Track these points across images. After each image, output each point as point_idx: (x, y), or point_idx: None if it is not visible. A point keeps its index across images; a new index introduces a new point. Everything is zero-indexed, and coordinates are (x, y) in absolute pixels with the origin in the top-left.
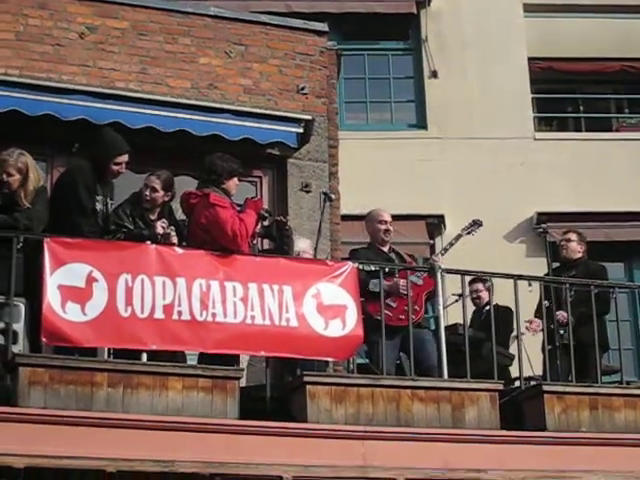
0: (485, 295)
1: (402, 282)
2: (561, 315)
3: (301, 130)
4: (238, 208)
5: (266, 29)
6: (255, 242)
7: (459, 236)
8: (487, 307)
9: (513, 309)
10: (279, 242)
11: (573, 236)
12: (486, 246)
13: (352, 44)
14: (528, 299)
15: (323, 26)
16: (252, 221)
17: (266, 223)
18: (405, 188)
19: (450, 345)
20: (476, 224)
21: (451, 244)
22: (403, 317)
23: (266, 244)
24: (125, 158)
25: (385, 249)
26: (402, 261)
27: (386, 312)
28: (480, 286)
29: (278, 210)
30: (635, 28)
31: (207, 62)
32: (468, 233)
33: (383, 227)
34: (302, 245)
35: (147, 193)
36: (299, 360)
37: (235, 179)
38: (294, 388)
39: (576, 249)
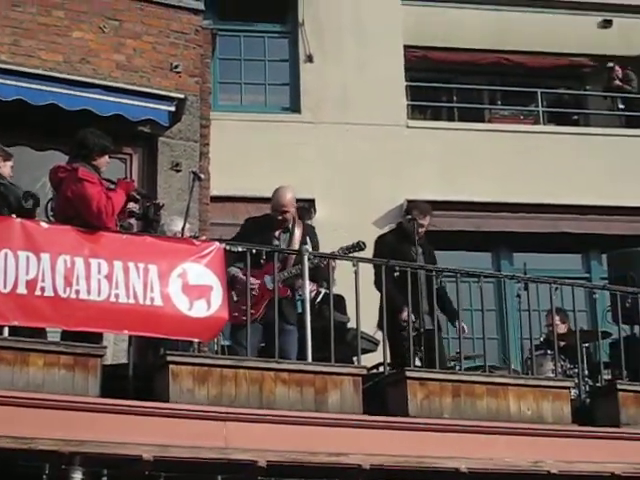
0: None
1: (253, 281)
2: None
3: (173, 108)
4: (112, 186)
5: (141, 5)
6: (131, 223)
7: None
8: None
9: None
10: (147, 223)
11: (427, 221)
12: (356, 231)
13: (228, 24)
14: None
15: (199, 4)
16: (120, 200)
17: (136, 206)
18: (277, 171)
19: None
20: (359, 246)
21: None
22: (237, 314)
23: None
24: None
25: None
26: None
27: None
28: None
29: (147, 188)
30: (511, 20)
31: (80, 36)
32: (346, 253)
33: (280, 217)
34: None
35: None
36: (163, 339)
37: (106, 156)
38: (157, 367)
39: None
